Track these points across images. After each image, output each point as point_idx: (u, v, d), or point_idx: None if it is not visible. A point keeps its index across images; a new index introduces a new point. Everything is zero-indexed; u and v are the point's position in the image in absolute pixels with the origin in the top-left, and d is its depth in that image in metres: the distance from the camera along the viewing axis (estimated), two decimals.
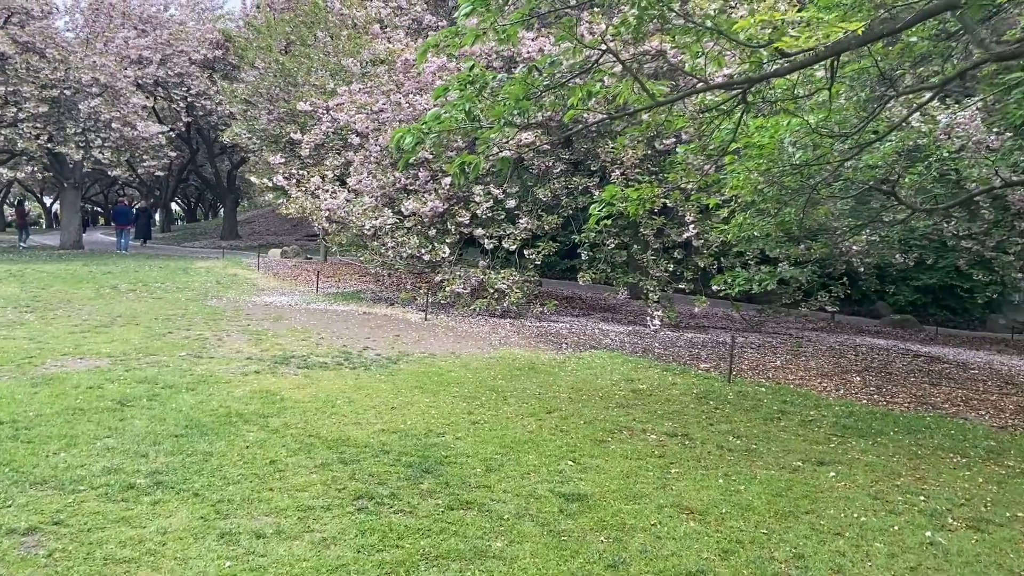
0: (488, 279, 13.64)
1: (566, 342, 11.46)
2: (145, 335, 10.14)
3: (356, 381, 7.96)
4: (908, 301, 21.11)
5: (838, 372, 10.05)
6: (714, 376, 9.26)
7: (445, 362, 9.29)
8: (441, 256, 13.84)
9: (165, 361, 8.54)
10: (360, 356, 9.43)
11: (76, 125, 23.45)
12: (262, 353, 9.28)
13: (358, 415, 6.59)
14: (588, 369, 9.32)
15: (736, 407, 7.63)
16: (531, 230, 13.80)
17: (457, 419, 6.61)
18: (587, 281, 13.66)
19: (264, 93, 22.32)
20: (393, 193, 14.67)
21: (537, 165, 13.92)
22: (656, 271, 13.41)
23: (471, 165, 5.84)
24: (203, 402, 6.78)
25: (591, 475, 5.26)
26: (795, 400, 8.10)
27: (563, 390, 8.07)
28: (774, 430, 6.82)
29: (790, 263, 13.51)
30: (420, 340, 10.95)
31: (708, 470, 5.50)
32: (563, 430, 6.41)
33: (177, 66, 27.17)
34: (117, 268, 19.20)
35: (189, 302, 13.67)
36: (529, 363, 9.55)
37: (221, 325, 11.24)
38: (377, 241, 14.46)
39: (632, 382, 8.66)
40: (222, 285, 16.59)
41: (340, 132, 16.14)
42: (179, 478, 4.91)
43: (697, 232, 13.04)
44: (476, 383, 8.14)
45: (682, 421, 6.95)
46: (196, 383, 7.49)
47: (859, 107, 9.63)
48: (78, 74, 22.88)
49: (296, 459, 5.36)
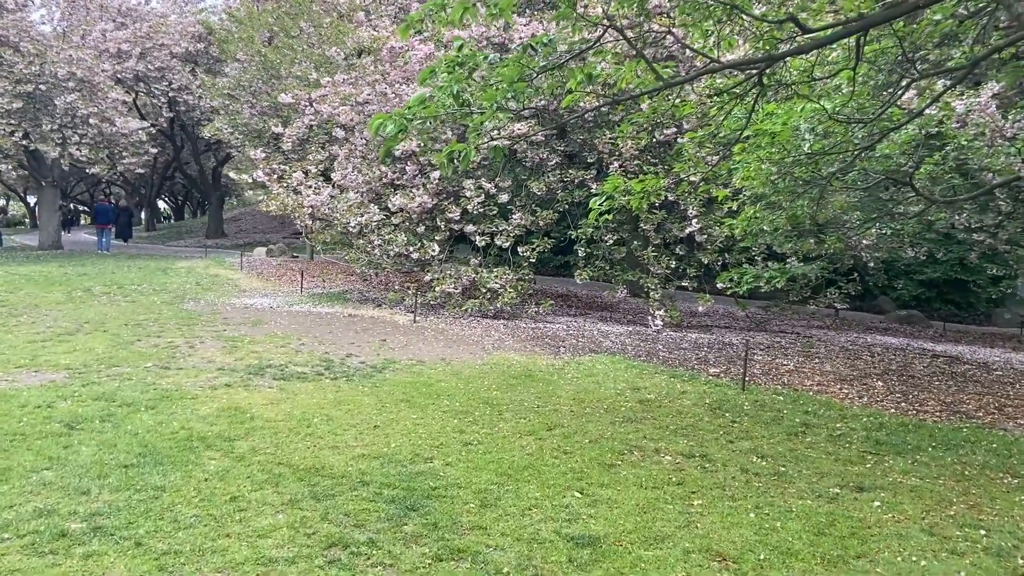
0: (480, 278, 12.92)
1: (564, 345, 10.76)
2: (111, 343, 9.38)
3: (337, 394, 7.24)
4: (912, 296, 20.51)
5: (857, 376, 9.38)
6: (726, 383, 8.58)
7: (434, 370, 8.58)
8: (430, 254, 13.11)
9: (128, 373, 7.80)
10: (343, 364, 8.71)
11: (52, 121, 22.58)
12: (236, 363, 8.54)
13: (336, 436, 5.87)
14: (589, 376, 8.62)
15: (755, 420, 6.95)
16: (525, 226, 13.09)
17: (447, 439, 5.90)
18: (584, 279, 12.96)
19: (246, 86, 21.51)
20: (379, 188, 13.93)
21: (531, 157, 13.20)
22: (657, 268, 12.71)
23: (460, 154, 5.14)
24: (162, 423, 6.05)
25: (602, 510, 4.56)
26: (818, 411, 7.42)
27: (564, 401, 7.37)
28: (801, 447, 6.13)
29: (798, 259, 12.87)
30: (408, 345, 10.23)
31: (735, 501, 4.80)
32: (567, 451, 5.70)
33: (158, 60, 26.27)
34: (94, 269, 18.39)
35: (164, 306, 12.90)
36: (525, 370, 8.84)
37: (195, 331, 10.48)
38: (363, 239, 13.71)
39: (638, 391, 7.96)
40: (201, 287, 15.81)
41: (324, 126, 15.38)
42: (121, 522, 4.18)
43: (700, 227, 12.35)
44: (468, 395, 7.43)
45: (698, 438, 6.25)
46: (158, 400, 6.75)
47: (876, 92, 8.91)
48: (54, 68, 22.01)
49: (261, 494, 4.64)
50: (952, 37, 8.41)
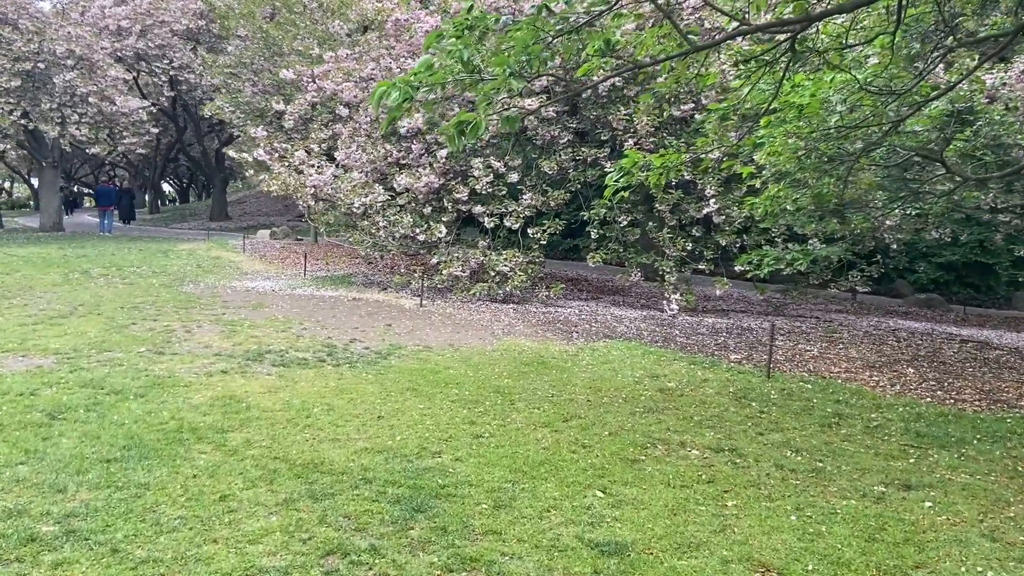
0: (489, 261, 12.48)
1: (576, 330, 10.32)
2: (104, 327, 8.99)
3: (339, 382, 6.83)
4: (931, 279, 20.01)
5: (886, 363, 8.92)
6: (749, 370, 8.14)
7: (442, 357, 8.16)
8: (437, 236, 12.67)
9: (119, 359, 7.40)
10: (346, 350, 8.29)
11: (51, 100, 22.13)
12: (234, 348, 8.13)
13: (337, 428, 5.46)
14: (605, 363, 8.19)
15: (784, 410, 6.51)
16: (535, 207, 12.62)
17: (456, 431, 5.48)
18: (597, 262, 12.51)
19: (248, 64, 21.02)
20: (384, 168, 13.47)
21: (541, 135, 12.71)
22: (673, 250, 12.24)
23: (470, 125, 4.68)
24: (151, 413, 5.64)
25: (628, 512, 4.14)
26: (850, 400, 6.98)
27: (579, 390, 6.94)
28: (836, 440, 5.70)
29: (820, 240, 12.38)
30: (414, 330, 9.81)
31: (773, 502, 4.37)
32: (585, 445, 5.28)
33: (158, 37, 25.75)
34: (94, 251, 18.01)
35: (162, 288, 12.50)
36: (537, 356, 8.41)
37: (193, 315, 10.08)
38: (367, 220, 13.27)
39: (658, 379, 7.53)
40: (202, 269, 15.42)
41: (327, 104, 14.90)
42: (98, 525, 3.78)
43: (718, 207, 11.87)
44: (478, 383, 7.01)
45: (725, 430, 5.82)
46: (149, 387, 6.35)
47: (908, 63, 8.37)
48: (52, 46, 21.53)
49: (254, 493, 4.23)
50: (993, 3, 7.88)
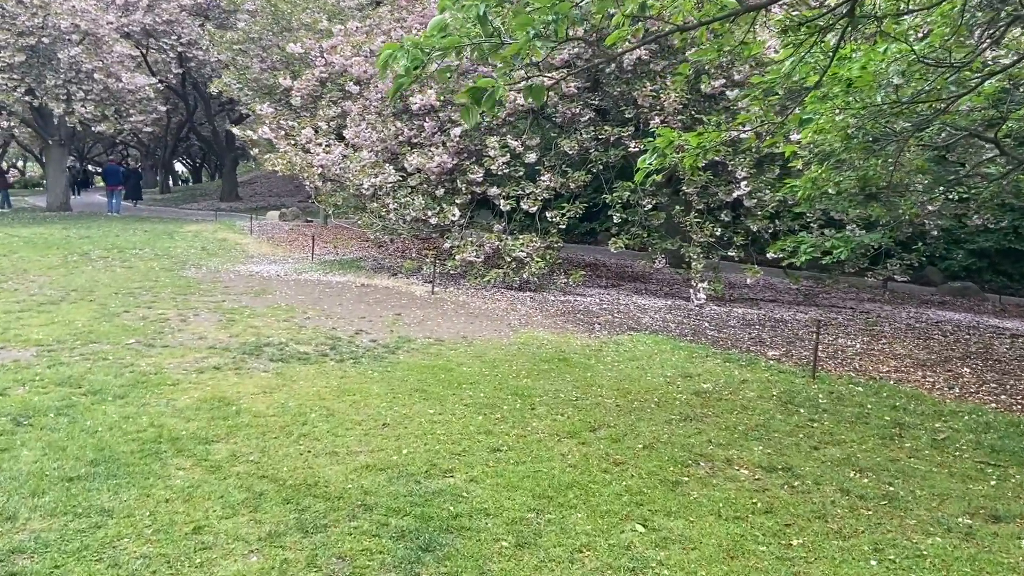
0: (505, 246, 11.80)
1: (598, 322, 9.65)
2: (95, 315, 8.40)
3: (341, 381, 6.20)
4: (962, 266, 19.19)
5: (937, 361, 8.20)
6: (790, 369, 7.44)
7: (455, 351, 7.51)
8: (450, 219, 11.99)
9: (105, 352, 6.80)
10: (351, 344, 7.66)
11: (56, 76, 21.54)
12: (230, 340, 7.52)
13: (336, 438, 4.83)
14: (632, 360, 7.51)
15: (836, 418, 5.82)
16: (554, 188, 11.91)
17: (471, 443, 4.84)
18: (619, 248, 11.79)
19: (256, 39, 20.32)
20: (395, 147, 12.79)
21: (561, 112, 11.97)
22: (700, 236, 11.51)
23: (487, 94, 4.01)
24: (129, 418, 5.03)
25: (675, 554, 3.48)
26: (907, 406, 6.28)
27: (606, 392, 6.28)
28: (902, 456, 5.01)
29: (859, 226, 11.62)
30: (425, 320, 9.17)
31: (846, 540, 3.70)
32: (617, 462, 4.62)
33: (166, 12, 25.06)
34: (98, 232, 17.47)
35: (162, 272, 11.92)
36: (558, 351, 7.75)
37: (191, 301, 9.48)
38: (377, 202, 12.61)
39: (691, 378, 6.85)
40: (207, 252, 14.83)
41: (336, 80, 14.20)
42: (45, 566, 3.17)
43: (749, 190, 11.12)
44: (494, 383, 6.36)
45: (774, 443, 5.15)
46: (131, 386, 5.75)
47: (966, 30, 7.53)
48: (57, 20, 20.91)
49: (234, 523, 3.61)
50: None
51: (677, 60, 11.67)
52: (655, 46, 11.38)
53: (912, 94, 6.97)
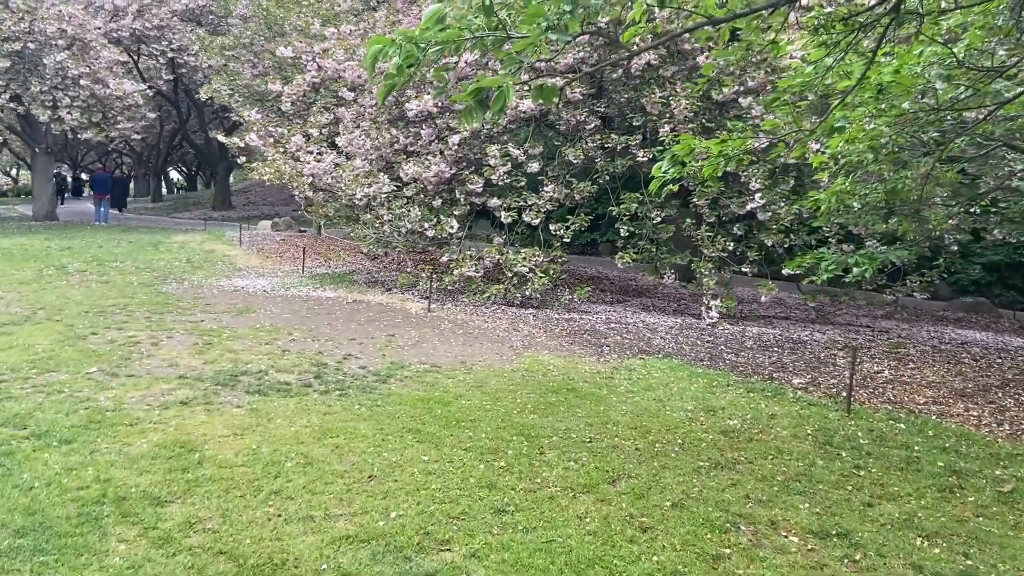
0: (505, 260, 11.12)
1: (607, 343, 8.96)
2: (59, 338, 7.70)
3: (324, 419, 5.50)
4: (971, 280, 18.60)
5: (977, 390, 7.53)
6: (820, 401, 6.76)
7: (453, 380, 6.82)
8: (448, 231, 11.32)
9: (62, 383, 6.10)
10: (338, 371, 6.97)
11: (42, 82, 20.88)
12: (204, 367, 6.82)
13: (313, 496, 4.14)
14: (647, 390, 6.83)
15: (883, 463, 5.14)
16: (558, 200, 11.24)
17: (472, 502, 4.14)
18: (626, 263, 11.11)
19: (248, 44, 19.67)
20: (390, 155, 12.12)
21: (565, 120, 11.32)
22: (712, 250, 10.85)
23: (493, 94, 3.37)
24: (74, 469, 4.34)
25: None
26: (958, 447, 5.60)
27: (622, 430, 5.59)
28: (969, 515, 4.33)
29: (879, 241, 10.98)
30: (420, 342, 8.48)
31: None
32: (645, 527, 3.93)
33: (156, 18, 24.43)
34: (81, 243, 16.76)
35: (140, 287, 11.21)
36: (566, 379, 7.07)
37: (166, 321, 8.79)
38: (371, 213, 11.93)
39: (715, 414, 6.17)
40: (192, 264, 14.13)
41: (330, 87, 13.55)
42: None
43: (764, 203, 10.46)
44: (497, 419, 5.67)
45: (821, 498, 4.46)
46: (83, 428, 5.04)
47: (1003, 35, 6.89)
48: (43, 25, 20.27)
49: None
50: None
51: (687, 66, 11.04)
52: (664, 51, 10.74)
53: (949, 100, 6.34)
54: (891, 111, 6.10)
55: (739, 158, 5.60)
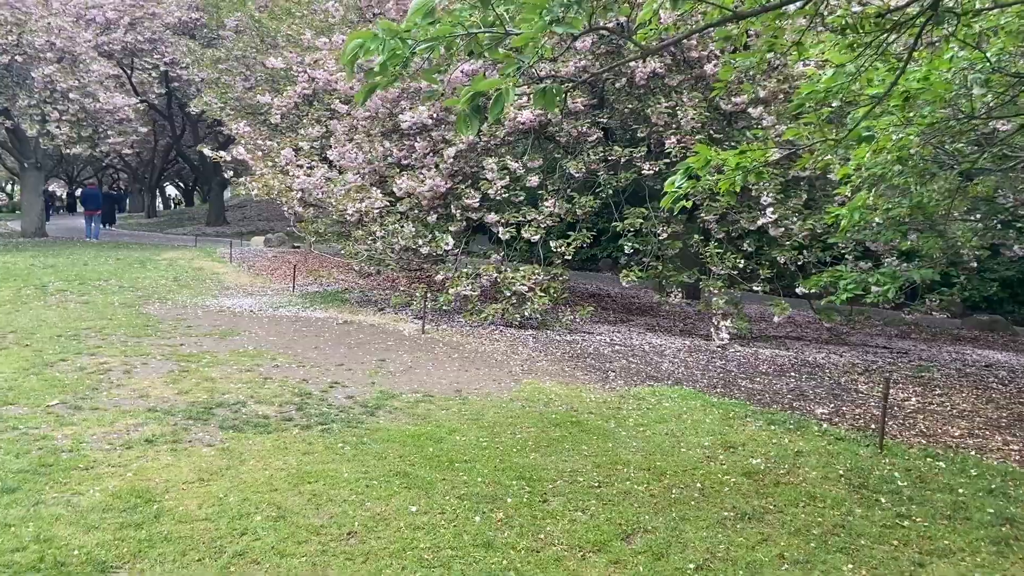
0: (504, 278, 10.59)
1: (612, 368, 8.42)
2: (24, 365, 7.15)
3: (303, 460, 4.95)
4: (983, 296, 18.11)
5: (1012, 420, 6.99)
6: (849, 435, 6.21)
7: (447, 412, 6.27)
8: (443, 248, 10.80)
9: (19, 418, 5.55)
10: (322, 402, 6.42)
11: (30, 96, 20.42)
12: (177, 399, 6.27)
13: (283, 558, 3.58)
14: (659, 422, 6.28)
15: (927, 510, 4.59)
16: (559, 215, 10.74)
17: (466, 565, 3.59)
18: (631, 282, 10.58)
19: (240, 57, 19.25)
20: (384, 169, 11.62)
21: (566, 132, 10.82)
22: (720, 268, 10.33)
23: (494, 97, 2.89)
24: (12, 526, 3.78)
25: None
26: (1004, 488, 5.05)
27: (634, 471, 5.05)
28: None
29: (898, 258, 10.48)
30: (413, 366, 7.94)
31: None
32: None
33: (148, 31, 24.01)
34: (67, 261, 16.21)
35: (121, 308, 10.67)
36: (569, 410, 6.52)
37: (143, 346, 8.24)
38: (363, 229, 11.42)
39: (735, 451, 5.62)
40: (178, 283, 13.60)
41: (323, 98, 13.08)
42: None
43: (776, 217, 9.96)
44: (495, 459, 5.12)
45: (865, 556, 3.91)
46: (32, 472, 4.49)
47: None
48: (32, 37, 19.83)
49: None
50: None
51: (693, 75, 10.57)
52: (670, 59, 10.27)
53: (981, 108, 5.86)
54: (921, 119, 5.61)
55: (758, 171, 5.11)
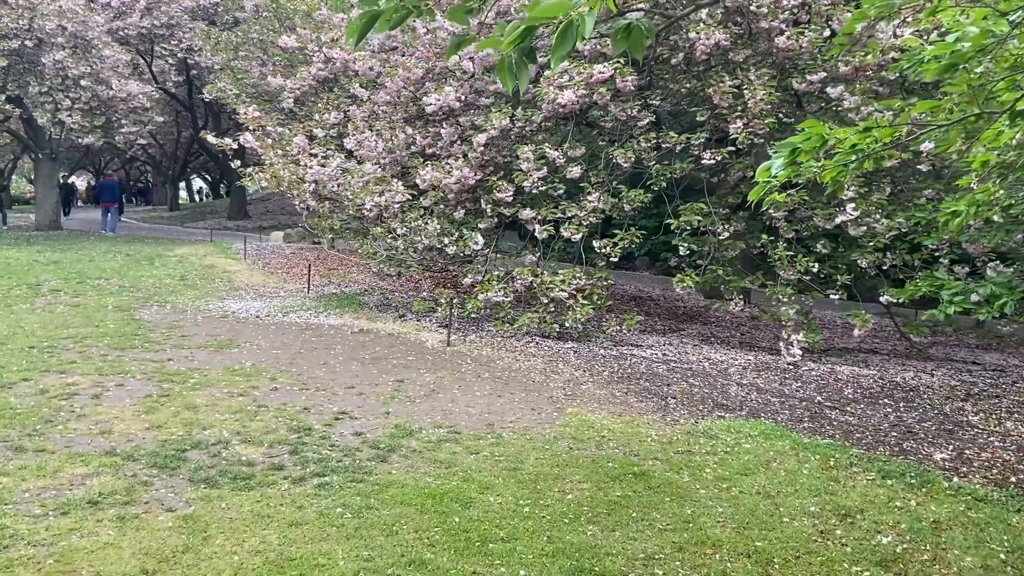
0: (540, 283, 9.31)
1: (671, 393, 7.11)
2: None
3: (287, 535, 3.73)
4: None
5: None
6: (987, 493, 4.85)
7: (476, 458, 5.01)
8: (472, 248, 9.55)
9: None
10: (323, 440, 5.20)
11: (41, 83, 19.52)
12: (146, 435, 5.09)
13: None
14: (744, 474, 4.97)
15: None
16: (603, 211, 9.42)
17: None
18: (686, 287, 9.25)
19: (256, 40, 18.15)
20: (406, 159, 10.39)
21: (613, 116, 9.49)
22: (791, 272, 8.97)
23: (564, 25, 1.41)
24: None
25: None
26: None
27: (729, 555, 3.75)
28: None
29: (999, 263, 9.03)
30: (436, 390, 6.70)
31: None
32: None
33: (165, 15, 23.01)
34: (73, 256, 15.21)
35: (113, 312, 9.56)
36: (629, 455, 5.23)
37: (124, 361, 7.09)
38: (382, 226, 10.20)
39: (852, 521, 4.30)
40: (185, 282, 12.50)
41: (342, 83, 11.89)
42: None
43: (858, 215, 8.57)
44: (541, 538, 3.85)
45: None
46: None
47: None
48: (43, 22, 18.91)
49: None
50: None
51: (759, 51, 9.20)
52: (735, 28, 8.91)
53: None
54: None
55: (879, 156, 3.77)
